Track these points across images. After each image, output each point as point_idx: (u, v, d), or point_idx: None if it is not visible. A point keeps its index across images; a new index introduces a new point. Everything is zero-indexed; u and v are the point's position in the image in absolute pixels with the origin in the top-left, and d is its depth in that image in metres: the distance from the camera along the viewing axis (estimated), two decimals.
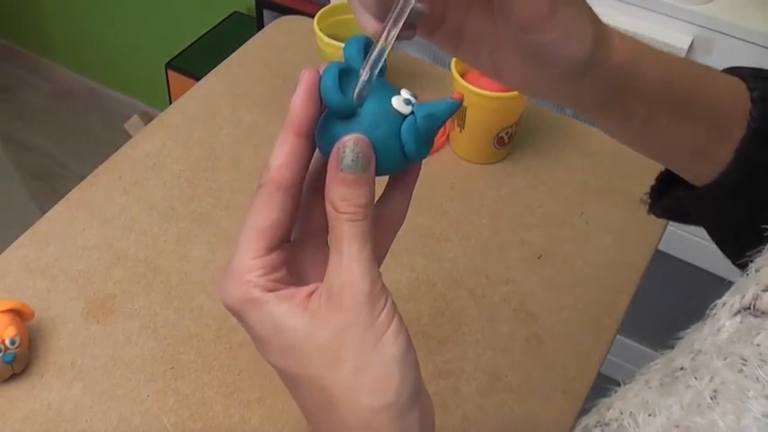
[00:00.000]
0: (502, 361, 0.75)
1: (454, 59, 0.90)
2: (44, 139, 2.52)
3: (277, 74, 1.03)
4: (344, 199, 0.37)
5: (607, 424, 0.35)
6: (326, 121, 0.39)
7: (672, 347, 0.36)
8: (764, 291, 0.33)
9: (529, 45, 0.42)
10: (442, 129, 0.96)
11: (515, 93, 0.88)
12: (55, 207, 0.86)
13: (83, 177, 0.89)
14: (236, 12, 2.12)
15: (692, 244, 1.26)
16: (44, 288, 0.78)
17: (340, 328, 0.37)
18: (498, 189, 0.92)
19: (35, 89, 2.69)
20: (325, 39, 0.93)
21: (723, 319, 0.34)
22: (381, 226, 0.42)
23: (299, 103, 0.38)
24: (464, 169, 0.94)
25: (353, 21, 1.12)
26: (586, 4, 0.43)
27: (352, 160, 0.37)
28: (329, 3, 1.07)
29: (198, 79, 1.04)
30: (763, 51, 1.03)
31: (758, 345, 0.31)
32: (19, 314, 0.70)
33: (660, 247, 0.89)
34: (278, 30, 1.11)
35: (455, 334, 0.77)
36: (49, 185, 2.36)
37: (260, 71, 1.03)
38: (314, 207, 0.41)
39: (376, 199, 0.40)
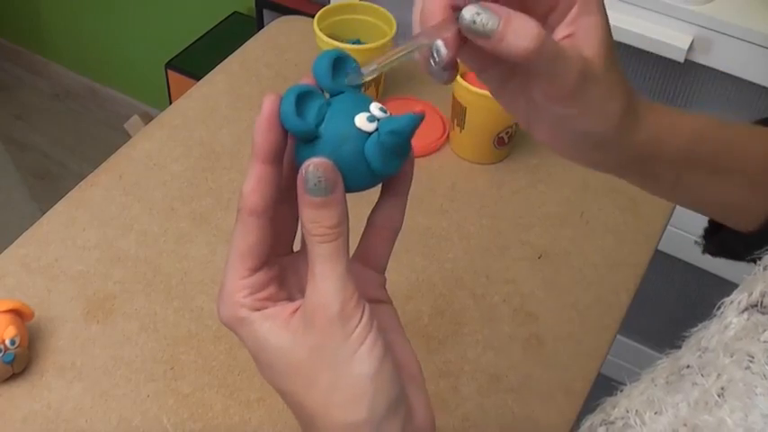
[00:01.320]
0: (502, 361, 0.75)
1: None
2: (44, 139, 2.51)
3: (277, 74, 1.03)
4: (314, 221, 0.38)
5: (612, 423, 0.35)
6: (296, 144, 0.40)
7: (677, 347, 0.36)
8: None
9: (553, 113, 0.44)
10: (443, 129, 0.96)
11: None
12: (55, 207, 0.86)
13: (83, 177, 0.89)
14: (236, 12, 2.12)
15: (692, 244, 1.26)
16: (44, 288, 0.78)
17: (314, 347, 0.38)
18: (498, 189, 0.92)
19: (35, 89, 2.69)
20: (325, 39, 0.93)
21: (730, 317, 0.34)
22: (378, 233, 0.43)
23: (260, 133, 0.39)
24: (464, 169, 0.94)
25: (353, 21, 1.12)
26: (620, 83, 0.44)
27: (315, 184, 0.37)
28: (329, 3, 1.07)
29: (198, 79, 1.04)
30: (763, 51, 1.03)
31: (765, 341, 0.31)
32: (19, 314, 0.70)
33: (660, 247, 0.89)
34: (278, 30, 1.11)
35: (455, 334, 0.77)
36: (49, 185, 2.36)
37: (260, 71, 1.03)
38: None
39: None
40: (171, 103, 1.64)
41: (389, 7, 0.99)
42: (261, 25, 1.91)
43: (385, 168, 0.39)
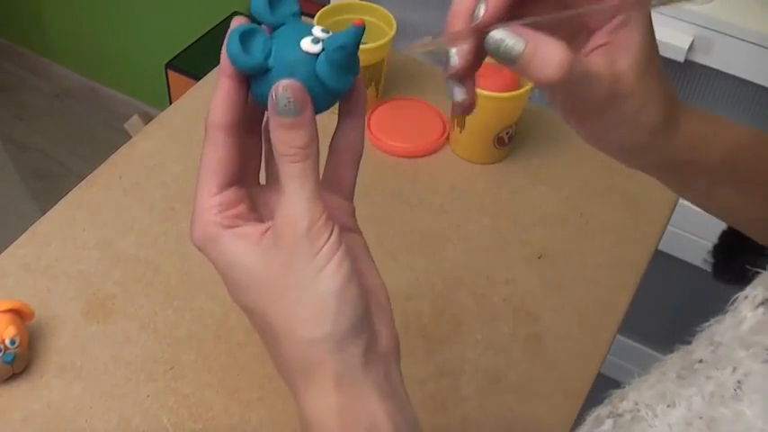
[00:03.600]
0: (502, 361, 0.75)
1: None
2: (44, 139, 2.51)
3: None
4: (284, 142, 0.39)
5: (620, 415, 0.35)
6: (251, 81, 0.41)
7: (677, 347, 0.36)
8: None
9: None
10: (443, 129, 0.96)
11: (515, 92, 0.88)
12: (55, 207, 0.86)
13: (83, 177, 0.89)
14: (236, 12, 2.12)
15: (692, 244, 1.26)
16: (44, 288, 0.78)
17: (283, 263, 0.38)
18: (498, 189, 0.92)
19: (35, 89, 2.69)
20: None
21: (745, 311, 0.34)
22: (341, 158, 0.44)
23: (226, 51, 0.40)
24: (464, 169, 0.94)
25: (353, 20, 1.12)
26: (657, 93, 0.44)
27: (284, 105, 0.39)
28: (329, 3, 1.07)
29: (198, 79, 1.04)
30: (763, 51, 1.03)
31: None
32: (19, 314, 0.70)
33: (660, 247, 0.89)
34: None
35: (455, 334, 0.77)
36: (49, 185, 2.36)
37: None
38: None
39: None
40: (171, 103, 1.64)
41: (389, 7, 0.99)
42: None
43: (339, 84, 0.41)
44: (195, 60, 2.01)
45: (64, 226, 0.84)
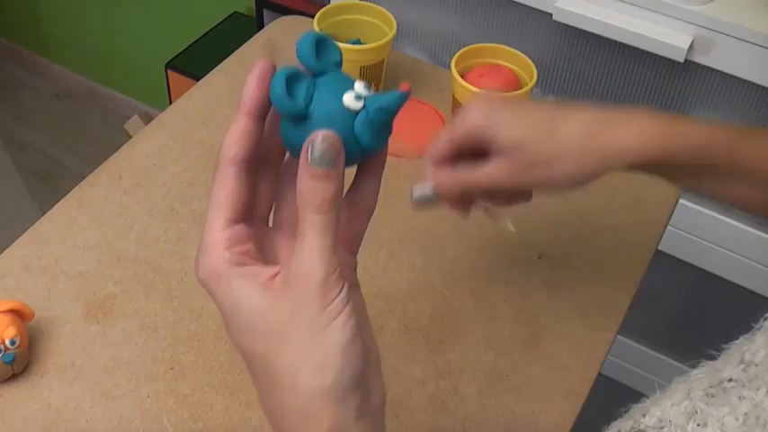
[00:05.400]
0: (502, 361, 0.75)
1: (454, 59, 0.90)
2: (44, 139, 2.52)
3: None
4: (311, 191, 0.39)
5: (642, 431, 0.34)
6: (283, 124, 0.41)
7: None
8: None
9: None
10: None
11: (515, 93, 0.88)
12: (55, 207, 0.86)
13: (83, 177, 0.89)
14: (236, 12, 2.12)
15: (692, 244, 1.26)
16: (44, 288, 0.78)
17: (292, 310, 0.38)
18: None
19: (35, 89, 2.69)
20: None
21: None
22: (354, 211, 0.44)
23: (249, 91, 0.41)
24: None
25: (353, 21, 1.12)
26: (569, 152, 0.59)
27: (320, 155, 0.38)
28: (329, 3, 1.07)
29: (198, 79, 1.04)
30: (763, 51, 1.03)
31: None
32: (19, 314, 0.70)
33: (660, 247, 0.89)
34: (278, 30, 1.11)
35: (455, 334, 0.77)
36: (49, 185, 2.36)
37: None
38: (289, 198, 0.44)
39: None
40: (171, 103, 1.64)
41: (389, 7, 0.99)
42: (261, 25, 1.91)
43: (373, 144, 0.41)
44: (195, 60, 2.01)
45: (64, 226, 0.84)
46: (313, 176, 0.38)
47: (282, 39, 1.09)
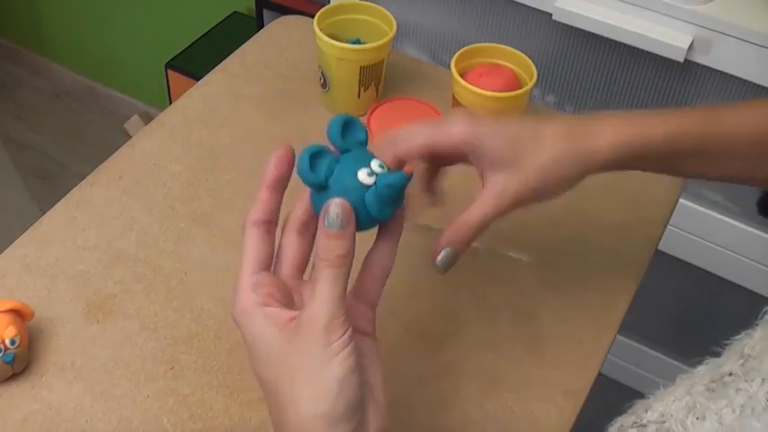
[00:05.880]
0: (502, 361, 0.75)
1: (454, 59, 0.90)
2: (44, 139, 2.52)
3: (277, 74, 1.03)
4: (325, 248, 0.47)
5: (644, 426, 0.35)
6: (312, 193, 0.51)
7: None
8: None
9: None
10: None
11: (515, 92, 0.88)
12: (55, 207, 0.86)
13: (83, 177, 0.89)
14: (236, 12, 2.12)
15: (692, 244, 1.26)
16: (44, 288, 0.78)
17: (301, 347, 0.46)
18: None
19: (35, 89, 2.69)
20: (325, 39, 0.93)
21: None
22: (371, 270, 0.52)
23: (269, 169, 0.51)
24: (464, 169, 0.94)
25: (353, 21, 1.12)
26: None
27: (333, 219, 0.47)
28: (329, 3, 1.07)
29: (198, 79, 1.04)
30: (763, 51, 1.03)
31: None
32: (19, 314, 0.70)
33: (660, 247, 0.89)
34: (278, 30, 1.11)
35: (455, 334, 0.77)
36: (49, 185, 2.36)
37: (260, 71, 1.03)
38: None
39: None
40: (171, 103, 1.64)
41: (389, 7, 0.99)
42: (261, 25, 1.91)
43: (381, 214, 0.49)
44: (195, 60, 2.02)
45: (64, 226, 0.84)
46: (328, 236, 0.47)
47: (282, 39, 1.09)
